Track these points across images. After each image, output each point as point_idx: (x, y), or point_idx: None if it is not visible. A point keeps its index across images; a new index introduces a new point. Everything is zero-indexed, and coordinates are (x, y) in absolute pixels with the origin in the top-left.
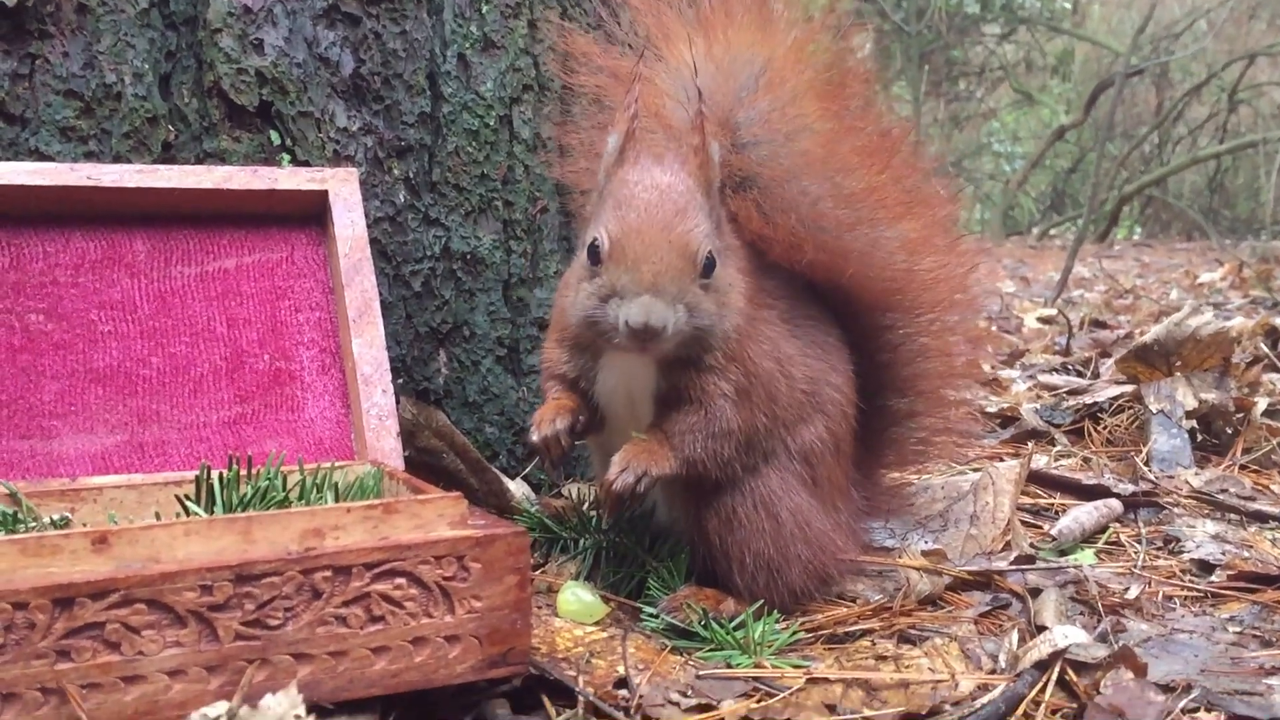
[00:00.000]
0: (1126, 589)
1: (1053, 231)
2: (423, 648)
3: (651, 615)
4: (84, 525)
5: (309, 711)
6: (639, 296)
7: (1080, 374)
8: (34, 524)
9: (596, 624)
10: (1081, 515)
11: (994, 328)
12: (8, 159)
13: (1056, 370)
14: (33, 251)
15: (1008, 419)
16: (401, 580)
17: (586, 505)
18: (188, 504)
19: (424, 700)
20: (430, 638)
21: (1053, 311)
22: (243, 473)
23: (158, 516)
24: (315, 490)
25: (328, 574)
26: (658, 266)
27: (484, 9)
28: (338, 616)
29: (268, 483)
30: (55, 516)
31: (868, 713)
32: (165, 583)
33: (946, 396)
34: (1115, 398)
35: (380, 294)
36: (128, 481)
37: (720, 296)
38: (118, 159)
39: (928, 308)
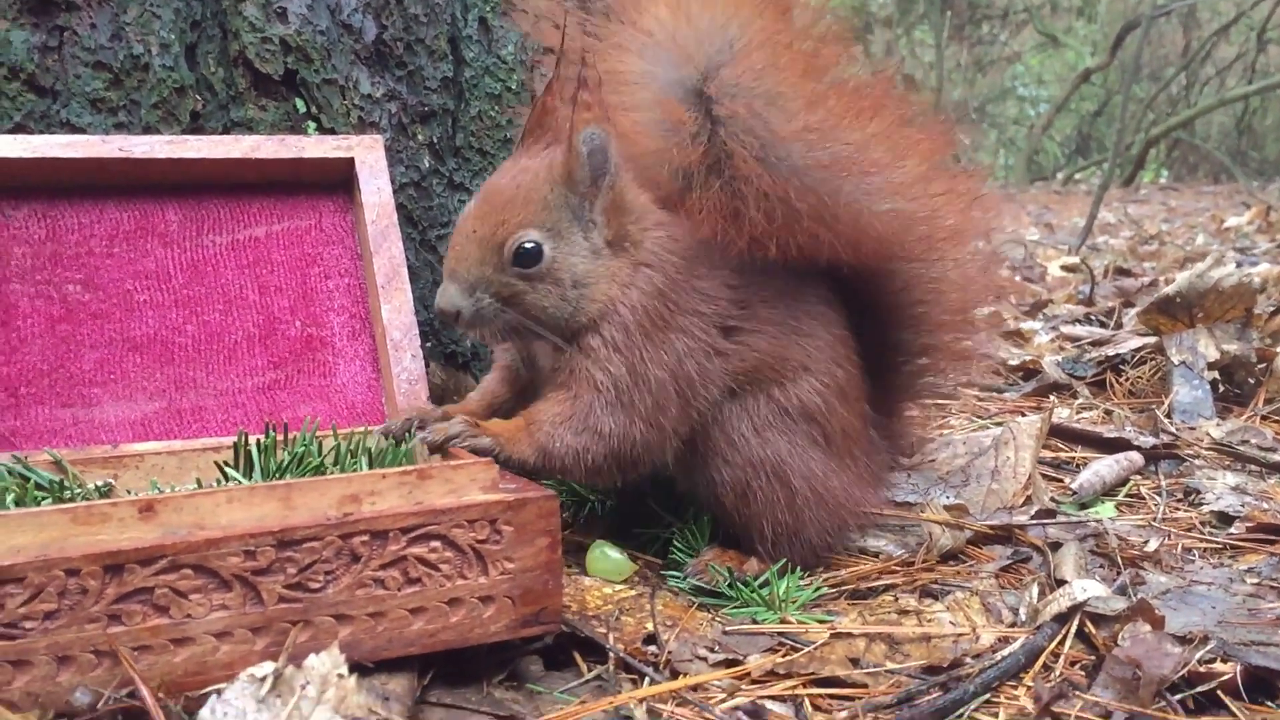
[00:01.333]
0: (1146, 541)
1: (1078, 176)
2: (458, 608)
3: (677, 576)
4: (128, 492)
5: (351, 670)
6: (443, 283)
7: (1103, 324)
8: (79, 491)
9: (625, 582)
10: (1102, 469)
11: (1018, 276)
12: (40, 131)
13: (1079, 321)
14: (68, 223)
15: (1030, 371)
16: (436, 543)
17: None
18: (227, 470)
19: (460, 658)
20: (465, 598)
21: (1077, 259)
22: (279, 439)
23: (199, 482)
24: (349, 455)
25: (365, 538)
26: (457, 254)
27: None
28: (376, 579)
29: (304, 449)
30: (99, 483)
31: (890, 666)
32: (210, 548)
33: (961, 323)
34: (1138, 349)
35: (407, 259)
36: (168, 448)
37: (565, 289)
38: (147, 129)
39: (926, 248)
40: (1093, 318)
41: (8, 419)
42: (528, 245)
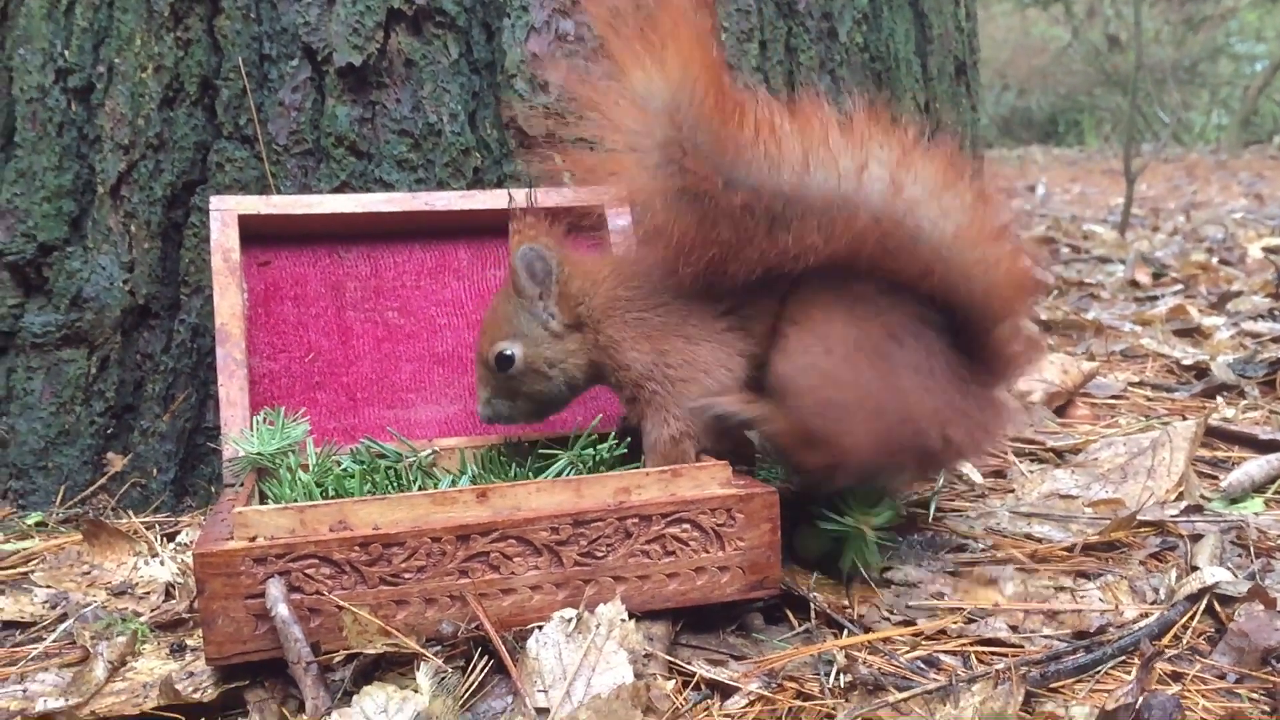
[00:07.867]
0: None
1: None
2: (702, 574)
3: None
4: (452, 479)
5: (628, 617)
6: None
7: None
8: (413, 459)
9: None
10: (1252, 468)
11: (1214, 259)
12: (358, 188)
13: (1263, 316)
14: (386, 262)
15: (1202, 371)
16: (687, 525)
17: None
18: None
19: (701, 611)
20: (707, 567)
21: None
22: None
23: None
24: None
25: (635, 520)
26: (475, 374)
27: (722, 36)
28: (642, 551)
29: None
30: (426, 453)
31: (1046, 631)
32: (527, 525)
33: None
34: None
35: None
36: (470, 442)
37: (545, 374)
38: (440, 184)
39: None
40: (1277, 313)
41: (349, 418)
42: (504, 354)
